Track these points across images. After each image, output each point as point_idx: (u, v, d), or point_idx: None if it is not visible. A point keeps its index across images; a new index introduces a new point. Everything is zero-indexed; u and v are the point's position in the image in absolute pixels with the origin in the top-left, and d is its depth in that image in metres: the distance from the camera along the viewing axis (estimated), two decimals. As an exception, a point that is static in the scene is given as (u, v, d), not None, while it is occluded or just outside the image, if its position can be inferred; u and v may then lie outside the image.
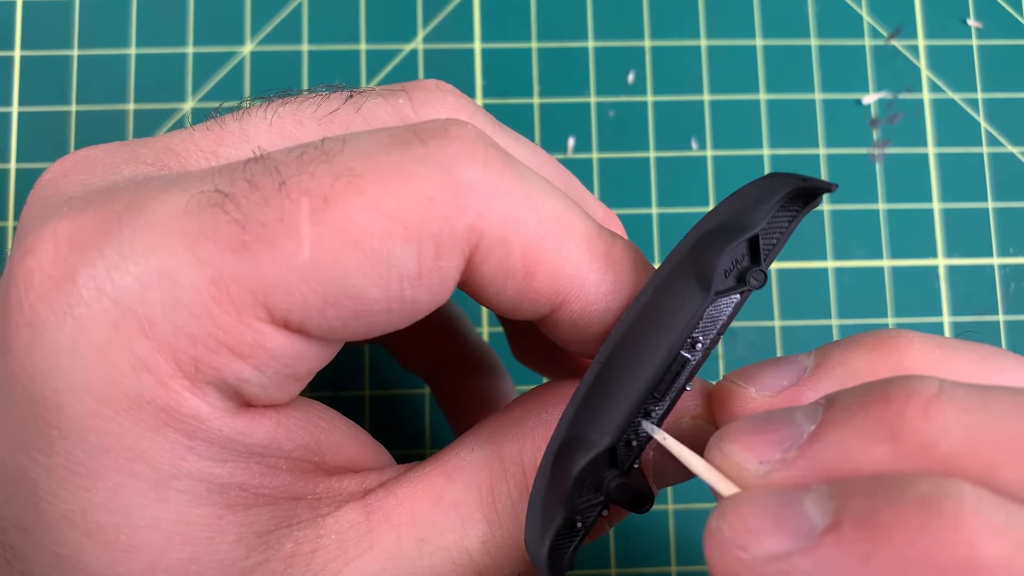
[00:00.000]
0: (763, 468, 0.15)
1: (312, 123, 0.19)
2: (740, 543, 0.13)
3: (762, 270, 0.17)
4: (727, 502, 0.14)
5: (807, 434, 0.14)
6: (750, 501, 0.14)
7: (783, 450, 0.15)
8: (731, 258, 0.17)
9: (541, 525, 0.17)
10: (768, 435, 0.15)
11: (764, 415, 0.16)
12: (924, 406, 0.14)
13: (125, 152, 0.18)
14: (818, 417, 0.15)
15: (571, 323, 0.18)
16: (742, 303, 0.18)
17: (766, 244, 0.18)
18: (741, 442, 0.15)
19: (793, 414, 0.15)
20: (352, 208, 0.15)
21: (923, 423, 0.13)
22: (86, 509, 0.16)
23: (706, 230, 0.17)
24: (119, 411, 0.15)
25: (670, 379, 0.17)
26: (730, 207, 0.18)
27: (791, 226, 0.18)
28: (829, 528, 0.13)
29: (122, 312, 0.15)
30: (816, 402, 0.15)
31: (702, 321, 0.17)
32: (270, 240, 0.15)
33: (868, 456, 0.14)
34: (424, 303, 0.17)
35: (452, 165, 0.16)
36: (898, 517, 0.12)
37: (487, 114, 0.21)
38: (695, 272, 0.17)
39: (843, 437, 0.14)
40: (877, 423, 0.14)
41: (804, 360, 0.18)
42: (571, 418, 0.17)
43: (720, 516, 0.14)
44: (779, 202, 0.17)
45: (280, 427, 0.17)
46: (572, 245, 0.17)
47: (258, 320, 0.15)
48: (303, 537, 0.17)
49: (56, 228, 0.16)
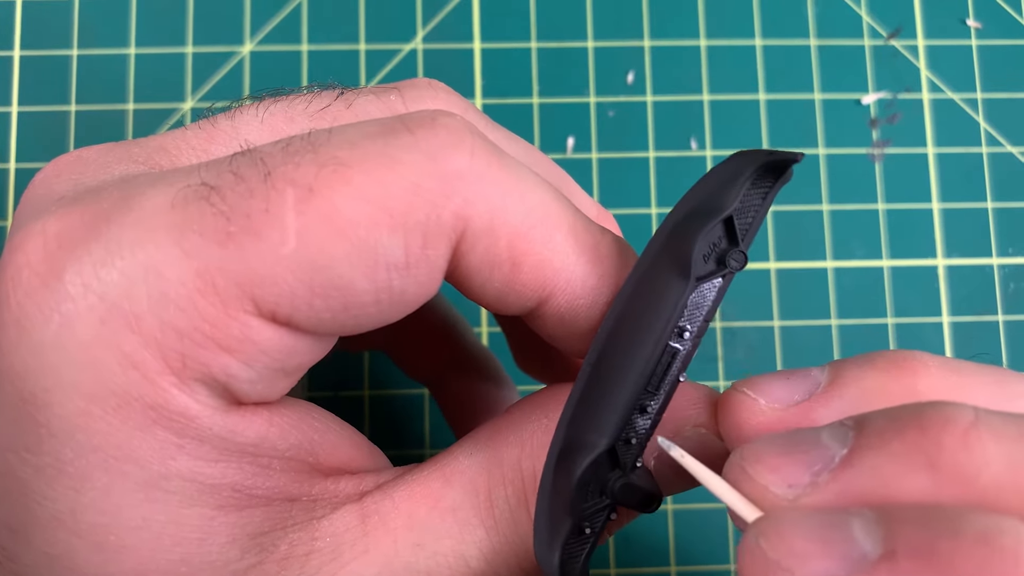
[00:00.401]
0: (791, 492, 0.14)
1: (303, 119, 0.19)
2: (785, 565, 0.13)
3: (741, 251, 0.17)
4: (766, 521, 0.14)
5: (839, 458, 0.14)
6: (793, 521, 0.14)
7: (813, 474, 0.14)
8: (708, 242, 0.17)
9: (549, 535, 0.17)
10: (797, 457, 0.15)
11: (789, 435, 0.15)
12: (963, 435, 0.13)
13: (118, 152, 0.18)
14: (849, 441, 0.14)
15: (558, 318, 0.18)
16: (726, 286, 0.17)
17: (742, 224, 0.17)
18: (767, 463, 0.15)
19: (820, 436, 0.15)
20: (337, 196, 0.15)
21: (963, 453, 0.13)
22: (76, 509, 0.16)
23: (680, 216, 0.17)
24: (107, 409, 0.15)
25: (662, 371, 0.17)
26: (701, 191, 0.17)
27: (765, 203, 0.17)
28: (884, 557, 0.13)
29: (108, 308, 0.15)
30: (843, 423, 0.15)
31: (687, 309, 0.17)
32: (256, 231, 0.15)
33: (906, 484, 0.14)
34: (413, 294, 0.16)
35: (439, 153, 0.16)
36: (957, 551, 0.12)
37: (479, 111, 0.21)
38: (673, 260, 0.17)
39: (878, 463, 0.14)
40: (914, 450, 0.14)
41: (817, 375, 0.17)
42: (568, 422, 0.17)
43: (760, 535, 0.14)
44: (748, 179, 0.17)
45: (272, 426, 0.17)
46: (560, 237, 0.17)
47: (245, 313, 0.15)
48: (297, 539, 0.17)
49: (45, 226, 0.16)
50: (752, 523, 0.14)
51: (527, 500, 0.18)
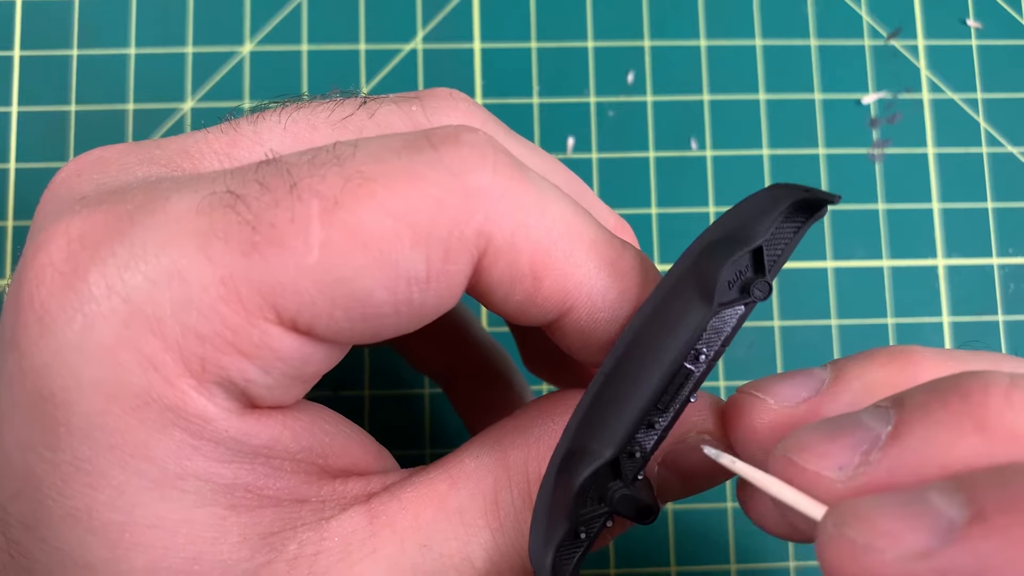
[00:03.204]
0: (843, 474, 0.15)
1: (326, 128, 0.19)
2: (877, 547, 0.13)
3: (767, 281, 0.17)
4: (843, 508, 0.14)
5: (885, 435, 0.14)
6: (872, 504, 0.14)
7: (862, 453, 0.14)
8: (734, 270, 0.17)
9: (545, 536, 0.17)
10: (842, 440, 0.15)
11: (828, 422, 0.15)
12: (1005, 395, 0.14)
13: (139, 153, 0.19)
14: (891, 418, 0.15)
15: (577, 330, 0.18)
16: (747, 315, 0.18)
17: (770, 256, 0.17)
18: (813, 450, 0.15)
19: (860, 418, 0.15)
20: (362, 210, 0.15)
21: (1008, 411, 0.14)
22: (91, 507, 0.16)
23: (709, 241, 0.17)
24: (126, 409, 0.15)
25: (673, 391, 0.17)
26: (733, 218, 0.17)
27: (796, 237, 0.18)
28: (973, 518, 0.13)
29: (132, 311, 0.15)
30: (878, 405, 0.15)
31: (705, 333, 0.17)
32: (280, 241, 0.15)
33: (958, 448, 0.14)
34: (432, 307, 0.17)
35: (462, 169, 0.16)
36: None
37: (499, 122, 0.21)
38: (698, 284, 0.17)
39: (928, 434, 0.14)
40: (961, 416, 0.14)
41: (820, 373, 0.18)
42: (574, 429, 0.17)
43: (842, 523, 0.14)
44: (782, 214, 0.17)
45: (285, 429, 0.17)
46: (581, 252, 0.17)
47: (266, 321, 0.15)
48: (307, 540, 0.17)
49: (68, 226, 0.16)
50: (828, 513, 0.14)
51: (532, 504, 0.18)
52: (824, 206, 0.18)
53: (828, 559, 0.14)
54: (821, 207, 0.18)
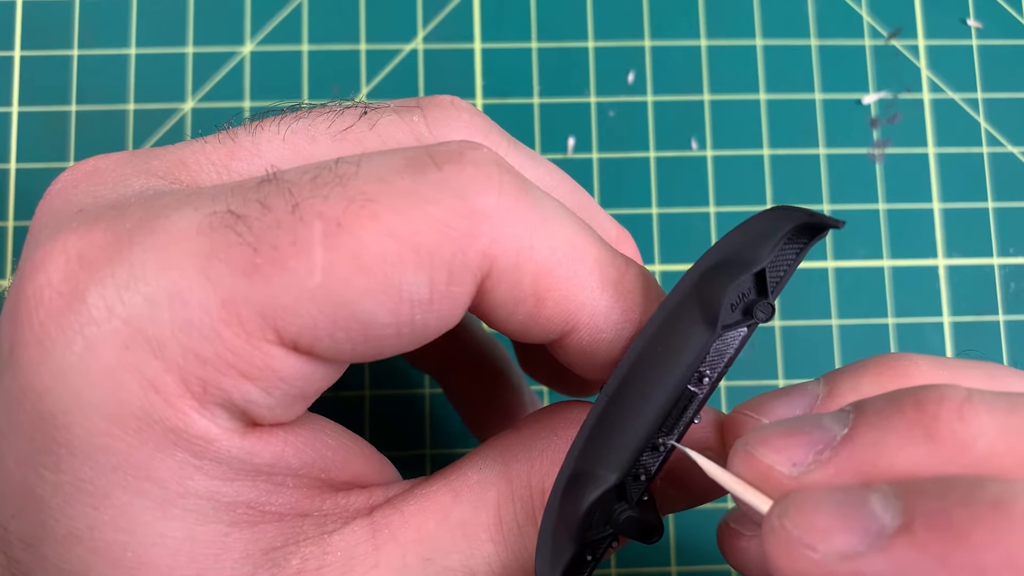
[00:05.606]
0: (795, 470, 0.15)
1: (325, 139, 0.19)
2: (808, 541, 0.13)
3: (769, 303, 0.17)
4: (788, 501, 0.14)
5: (840, 437, 0.15)
6: (814, 499, 0.14)
7: (816, 452, 0.15)
8: (737, 292, 0.17)
9: (551, 560, 0.17)
10: (799, 438, 0.15)
11: (791, 420, 0.16)
12: (957, 408, 0.14)
13: (136, 164, 0.18)
14: (849, 421, 0.15)
15: (579, 349, 0.18)
16: (749, 336, 0.18)
17: (772, 277, 0.17)
18: (771, 445, 0.15)
19: (821, 419, 0.15)
20: (365, 233, 0.15)
21: (959, 424, 0.14)
22: (93, 527, 0.16)
23: (712, 263, 0.17)
24: (128, 431, 0.15)
25: (678, 413, 0.17)
26: (735, 241, 0.17)
27: (798, 259, 0.18)
28: (902, 529, 0.13)
29: (132, 333, 0.15)
30: (842, 409, 0.15)
31: (709, 356, 0.17)
32: (282, 263, 0.15)
33: (905, 456, 0.14)
34: (434, 327, 0.16)
35: (467, 190, 0.16)
36: (973, 519, 0.13)
37: (502, 131, 0.21)
38: (702, 307, 0.17)
39: (878, 438, 0.14)
40: (913, 425, 0.14)
41: (813, 388, 0.18)
42: (579, 452, 0.17)
43: (783, 515, 0.14)
44: (785, 237, 0.17)
45: (287, 445, 0.17)
46: (584, 272, 0.17)
47: (267, 342, 0.15)
48: (309, 554, 0.17)
49: (66, 244, 0.16)
50: (774, 504, 0.15)
51: (536, 517, 0.18)
52: (826, 230, 0.18)
53: (769, 551, 0.14)
54: (823, 230, 0.18)
